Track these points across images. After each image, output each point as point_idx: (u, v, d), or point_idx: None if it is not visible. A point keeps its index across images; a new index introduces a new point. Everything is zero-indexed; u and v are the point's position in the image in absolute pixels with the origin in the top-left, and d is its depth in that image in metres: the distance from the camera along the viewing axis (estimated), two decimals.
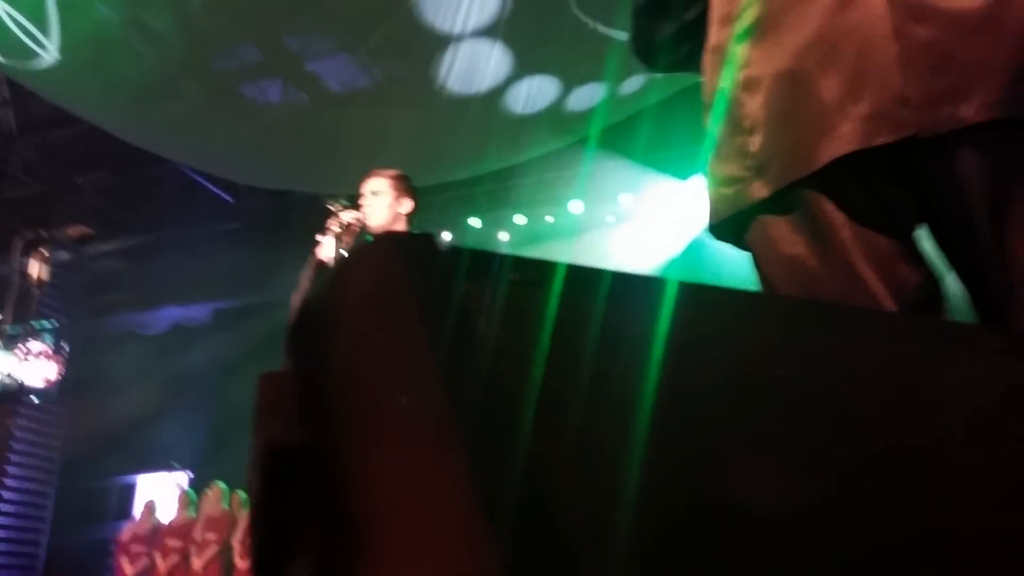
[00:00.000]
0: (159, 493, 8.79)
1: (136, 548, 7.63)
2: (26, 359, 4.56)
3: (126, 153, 7.86)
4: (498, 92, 6.08)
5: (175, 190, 8.86)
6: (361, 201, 3.04)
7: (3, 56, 5.79)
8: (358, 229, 3.08)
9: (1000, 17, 0.90)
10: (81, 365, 10.10)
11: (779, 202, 1.00)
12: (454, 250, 0.54)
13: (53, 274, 3.93)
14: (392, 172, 3.12)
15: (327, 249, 3.09)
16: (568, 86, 6.19)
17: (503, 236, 8.45)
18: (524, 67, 5.92)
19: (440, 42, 5.75)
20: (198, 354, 9.66)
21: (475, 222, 8.54)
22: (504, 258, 0.57)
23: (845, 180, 0.96)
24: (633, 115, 6.60)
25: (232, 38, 5.91)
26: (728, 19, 1.08)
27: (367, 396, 0.45)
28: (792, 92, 0.98)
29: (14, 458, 9.62)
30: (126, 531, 7.99)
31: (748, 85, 1.03)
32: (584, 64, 5.85)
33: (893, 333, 0.61)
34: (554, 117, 6.33)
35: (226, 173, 7.79)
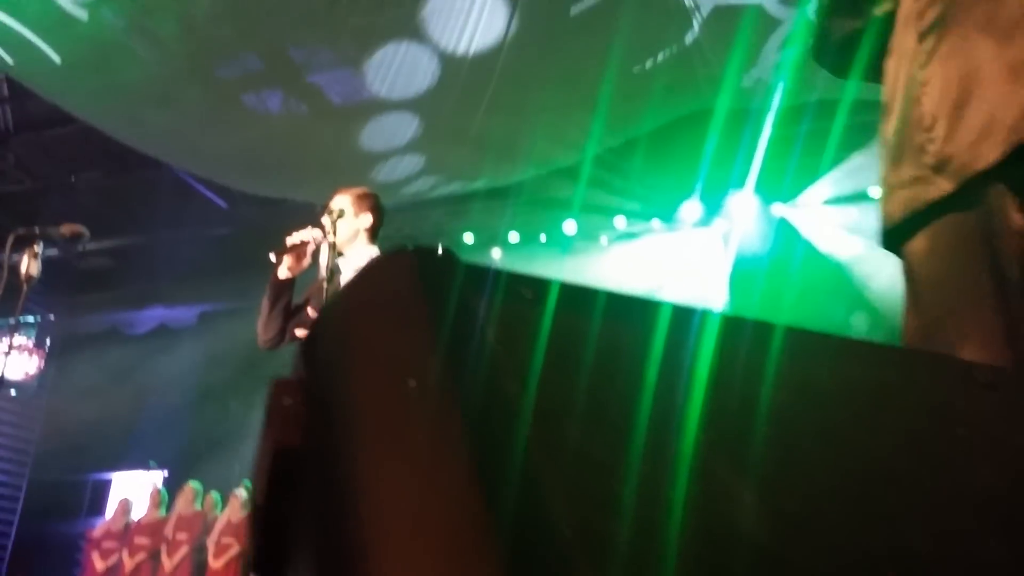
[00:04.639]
0: (134, 491, 8.72)
1: (108, 544, 7.56)
2: (8, 353, 4.55)
3: (121, 154, 7.84)
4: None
5: (168, 193, 8.83)
6: (326, 218, 3.03)
7: (7, 54, 5.79)
8: (315, 247, 3.06)
9: None
10: (63, 360, 10.04)
11: (960, 200, 0.97)
12: (464, 265, 0.58)
13: (41, 270, 3.94)
14: (356, 190, 3.16)
15: (282, 269, 3.08)
16: None
17: (495, 252, 8.56)
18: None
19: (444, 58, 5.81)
20: (182, 355, 9.62)
21: (468, 237, 8.62)
22: (511, 275, 0.60)
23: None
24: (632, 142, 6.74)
25: (235, 47, 5.92)
26: (915, 17, 1.08)
27: (373, 402, 0.46)
28: (973, 88, 0.97)
29: None
30: (99, 527, 7.92)
31: (929, 81, 1.02)
32: None
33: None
34: None
35: (221, 178, 7.78)
